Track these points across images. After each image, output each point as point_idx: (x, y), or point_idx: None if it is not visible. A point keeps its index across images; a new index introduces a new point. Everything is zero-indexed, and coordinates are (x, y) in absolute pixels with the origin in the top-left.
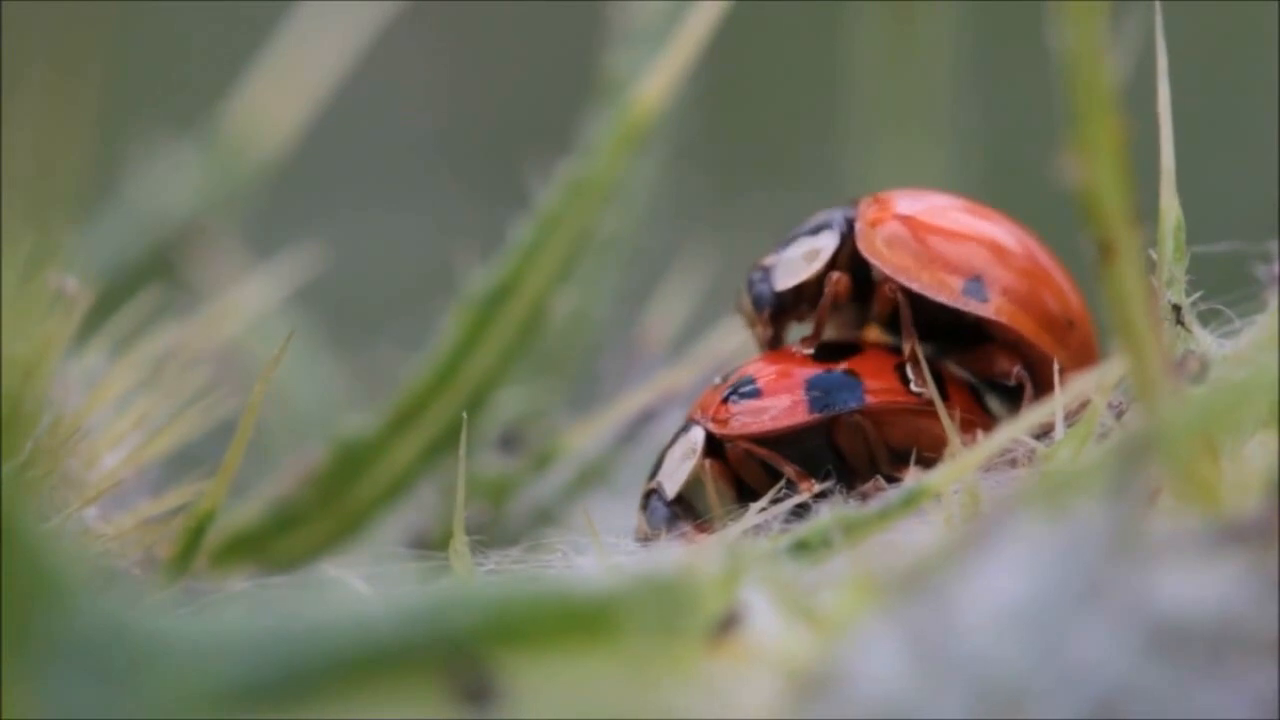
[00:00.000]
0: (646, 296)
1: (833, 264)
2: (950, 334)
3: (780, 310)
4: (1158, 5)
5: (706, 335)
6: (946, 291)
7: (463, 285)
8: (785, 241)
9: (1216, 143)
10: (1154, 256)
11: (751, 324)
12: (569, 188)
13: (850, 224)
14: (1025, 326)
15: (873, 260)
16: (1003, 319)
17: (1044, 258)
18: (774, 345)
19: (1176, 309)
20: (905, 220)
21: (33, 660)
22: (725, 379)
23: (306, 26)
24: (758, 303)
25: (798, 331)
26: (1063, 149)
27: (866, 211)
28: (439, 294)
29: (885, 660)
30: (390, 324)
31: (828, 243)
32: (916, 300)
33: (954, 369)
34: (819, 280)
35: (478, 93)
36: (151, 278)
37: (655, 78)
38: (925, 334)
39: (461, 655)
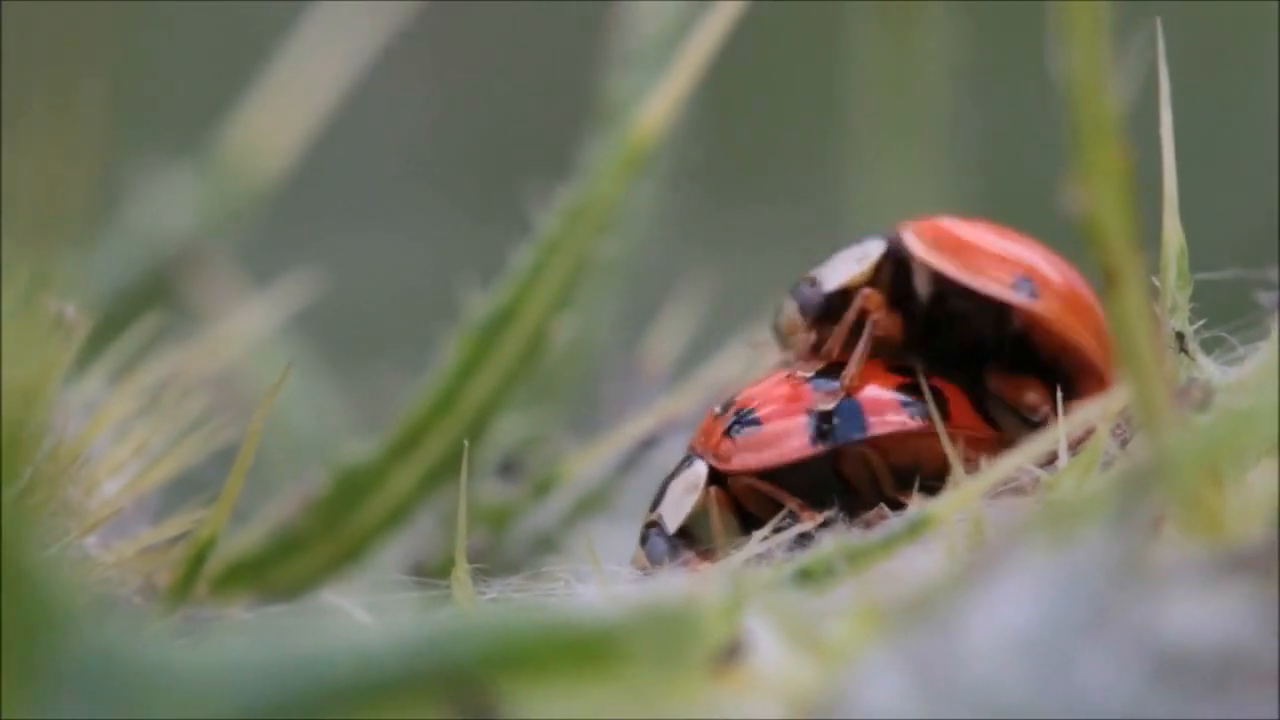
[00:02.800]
0: (646, 321)
1: (878, 271)
2: (988, 355)
3: (827, 315)
4: (1160, 29)
5: (708, 360)
6: (997, 285)
7: (462, 310)
8: (827, 257)
9: (1217, 167)
10: (1157, 283)
11: (792, 334)
12: (569, 213)
13: (895, 238)
14: (1072, 326)
15: (926, 257)
16: (1051, 316)
17: (1080, 283)
18: (815, 352)
19: (1180, 336)
20: (950, 229)
21: (32, 689)
22: (725, 408)
23: (305, 49)
24: (804, 308)
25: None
26: (1065, 176)
27: (912, 225)
28: (438, 319)
29: (889, 689)
30: (389, 349)
31: (875, 247)
32: (964, 306)
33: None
34: (867, 285)
35: (474, 115)
36: (150, 303)
37: (656, 102)
38: (964, 353)
39: (464, 684)
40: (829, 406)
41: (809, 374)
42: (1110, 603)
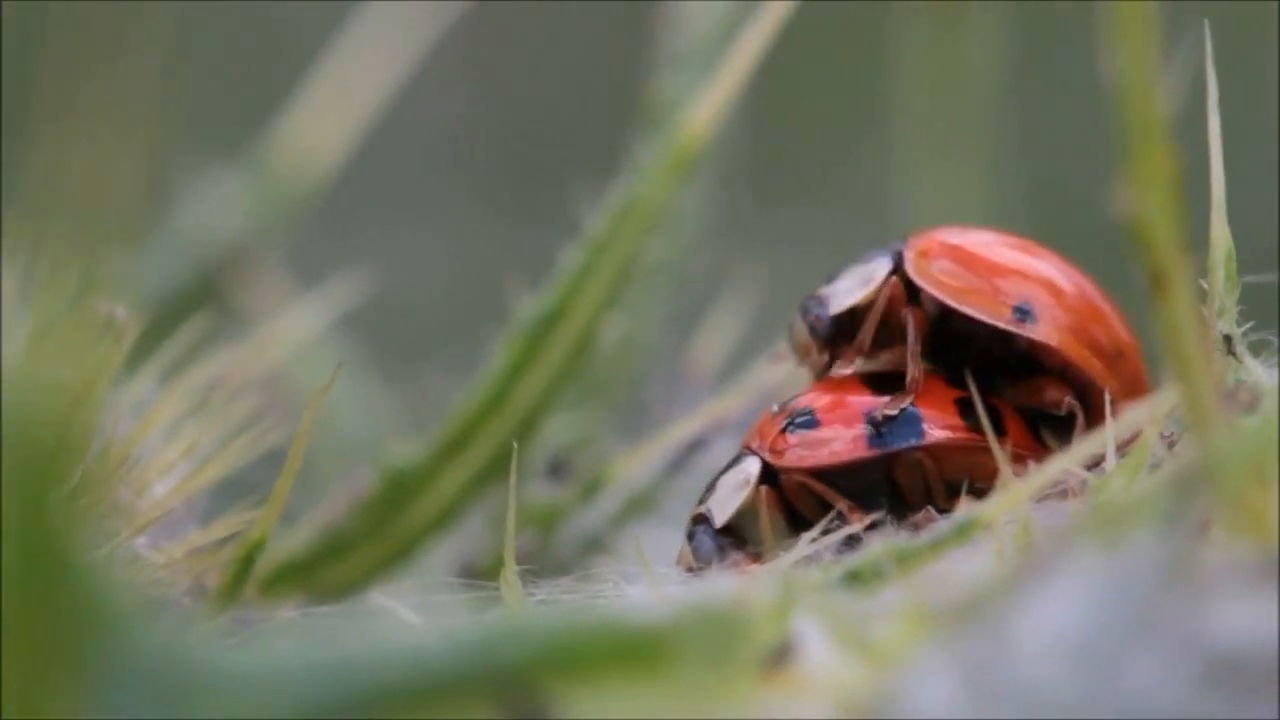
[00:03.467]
0: (694, 322)
1: (886, 290)
2: (1001, 366)
3: (836, 336)
4: (1208, 31)
5: (755, 361)
6: (997, 314)
7: (510, 311)
8: (835, 273)
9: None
10: (1205, 286)
11: (805, 353)
12: (617, 214)
13: (899, 255)
14: (1074, 351)
15: (923, 284)
16: (1052, 342)
17: (1092, 291)
18: (826, 373)
19: (1228, 339)
20: (953, 249)
21: (83, 690)
22: (783, 408)
23: (351, 51)
24: (813, 329)
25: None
26: (1112, 179)
27: (915, 243)
28: (486, 319)
29: (939, 691)
30: (438, 349)
31: (881, 267)
32: (968, 329)
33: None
34: (872, 305)
35: (519, 115)
36: (199, 304)
37: (704, 103)
38: (978, 367)
39: (515, 686)
40: (890, 412)
41: (867, 377)
42: (1159, 605)
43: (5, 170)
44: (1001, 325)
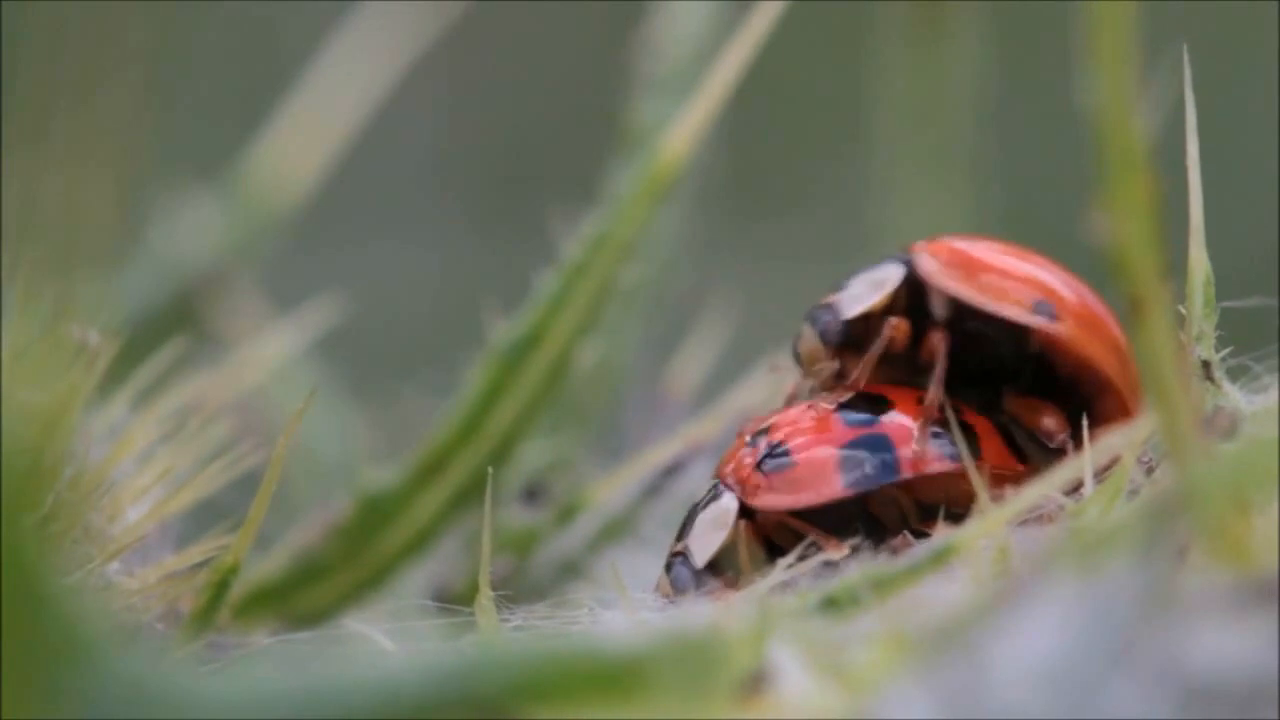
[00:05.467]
0: (671, 346)
1: (896, 296)
2: (1010, 372)
3: (847, 342)
4: (1186, 57)
5: (732, 385)
6: (1015, 309)
7: (487, 335)
8: (844, 281)
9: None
10: (1183, 311)
11: (813, 362)
12: (594, 239)
13: (911, 262)
14: (1092, 349)
15: (942, 284)
16: (1071, 338)
17: (1093, 299)
18: (839, 381)
19: (1206, 365)
20: (965, 252)
21: (56, 716)
22: (755, 438)
23: (327, 73)
24: (824, 335)
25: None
26: (1091, 204)
27: (927, 247)
28: (463, 343)
29: (915, 717)
30: (413, 374)
31: (893, 272)
32: (983, 329)
33: (989, 414)
34: (886, 310)
35: (496, 139)
36: (174, 328)
37: (681, 128)
38: (984, 374)
39: (489, 712)
40: (864, 450)
41: (839, 406)
42: (1136, 632)
43: None
44: (1024, 321)
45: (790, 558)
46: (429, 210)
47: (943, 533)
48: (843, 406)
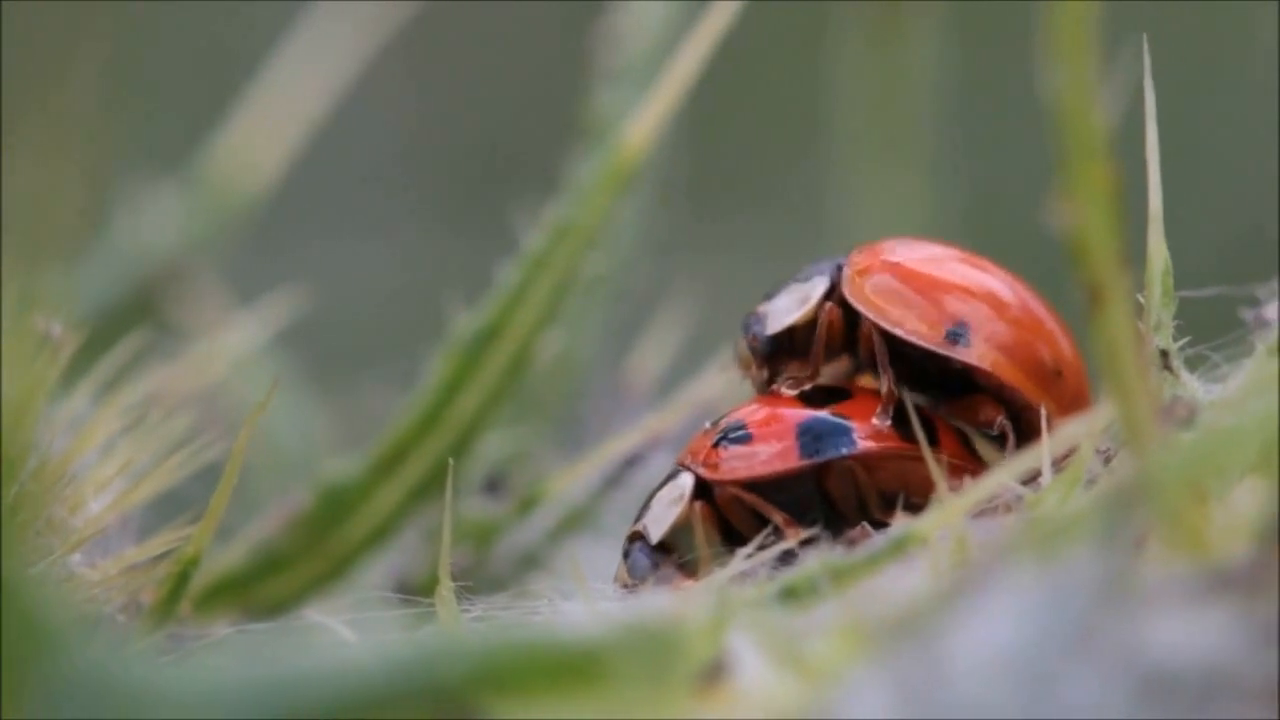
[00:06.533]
0: (631, 337)
1: (820, 309)
2: (938, 382)
3: (774, 354)
4: (1145, 46)
5: (693, 377)
6: (930, 337)
7: (447, 327)
8: (776, 289)
9: (1200, 183)
10: (1141, 300)
11: (747, 368)
12: (555, 230)
13: (839, 272)
14: (1008, 373)
15: (858, 306)
16: (985, 365)
17: (1036, 307)
18: (767, 389)
19: (1164, 354)
20: (892, 268)
21: (16, 707)
22: (715, 424)
23: (289, 66)
24: (753, 347)
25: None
26: (1051, 193)
27: (855, 260)
28: (423, 335)
29: (873, 707)
30: (374, 366)
31: (818, 287)
32: (902, 348)
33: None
34: (810, 324)
35: (458, 130)
36: (135, 320)
37: (642, 120)
38: (913, 382)
39: (449, 703)
40: (819, 421)
41: (799, 392)
42: (1095, 621)
43: None
44: (934, 349)
45: (749, 548)
46: (390, 202)
47: (901, 523)
48: (803, 395)
